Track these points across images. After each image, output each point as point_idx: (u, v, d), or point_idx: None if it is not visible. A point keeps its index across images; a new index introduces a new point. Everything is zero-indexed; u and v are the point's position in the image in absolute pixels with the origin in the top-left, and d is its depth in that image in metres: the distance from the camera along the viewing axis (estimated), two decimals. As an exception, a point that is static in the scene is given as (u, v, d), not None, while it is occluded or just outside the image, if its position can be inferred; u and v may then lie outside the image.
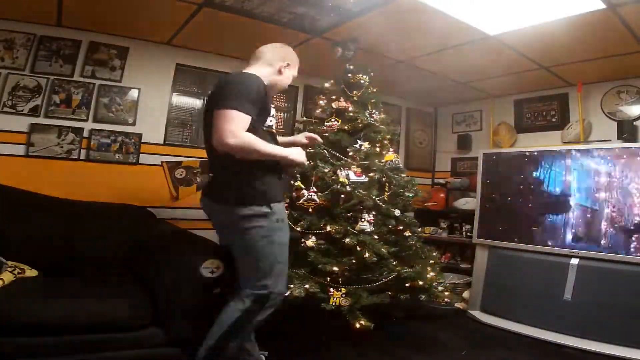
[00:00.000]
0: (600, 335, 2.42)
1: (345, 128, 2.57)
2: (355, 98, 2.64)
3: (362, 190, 2.33)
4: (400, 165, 2.65)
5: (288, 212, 2.41)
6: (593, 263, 2.56)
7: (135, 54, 2.92)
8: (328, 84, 2.77)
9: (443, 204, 3.96)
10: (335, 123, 2.58)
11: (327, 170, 2.36)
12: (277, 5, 2.35)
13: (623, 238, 2.54)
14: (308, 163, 2.43)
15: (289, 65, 1.84)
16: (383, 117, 2.68)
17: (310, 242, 2.25)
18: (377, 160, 2.46)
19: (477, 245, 3.20)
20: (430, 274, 2.37)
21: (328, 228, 2.27)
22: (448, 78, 3.52)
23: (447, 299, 2.41)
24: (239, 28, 2.67)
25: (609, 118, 3.18)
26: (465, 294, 3.28)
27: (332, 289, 2.15)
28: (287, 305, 2.09)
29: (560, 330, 2.57)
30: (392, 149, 2.62)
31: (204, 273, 1.85)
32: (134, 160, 2.90)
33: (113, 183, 2.80)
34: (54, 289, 1.80)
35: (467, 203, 3.65)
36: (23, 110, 2.57)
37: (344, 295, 2.13)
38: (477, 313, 3.02)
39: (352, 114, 2.59)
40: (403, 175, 2.60)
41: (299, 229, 2.31)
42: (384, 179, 2.48)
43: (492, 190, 3.19)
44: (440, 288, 2.43)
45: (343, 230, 2.25)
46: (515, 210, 3.03)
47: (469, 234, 3.47)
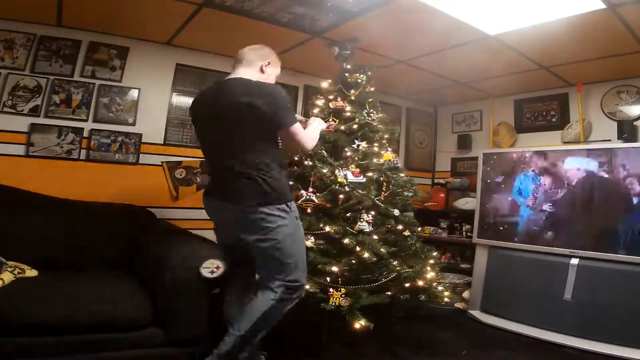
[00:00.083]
0: (600, 335, 2.41)
1: (343, 128, 2.57)
2: (353, 98, 2.64)
3: (360, 190, 2.33)
4: (399, 165, 2.64)
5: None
6: (593, 263, 2.56)
7: (135, 54, 2.92)
8: (326, 84, 2.76)
9: (443, 204, 3.96)
10: (333, 123, 2.58)
11: (325, 171, 2.36)
12: (277, 5, 2.35)
13: (623, 238, 2.54)
14: (307, 163, 2.45)
15: (270, 64, 1.86)
16: (381, 116, 2.67)
17: (310, 242, 2.24)
18: (375, 160, 2.46)
19: (477, 245, 3.20)
20: (430, 274, 2.37)
21: (327, 228, 2.27)
22: (448, 78, 3.52)
23: (447, 299, 2.41)
24: (239, 28, 2.67)
25: (609, 118, 3.17)
26: (465, 294, 3.28)
27: (331, 289, 2.14)
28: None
29: (560, 330, 2.56)
30: (390, 149, 2.62)
31: (204, 273, 1.85)
32: (134, 160, 2.90)
33: (113, 183, 2.80)
34: (54, 289, 1.80)
35: (467, 203, 3.65)
36: (23, 110, 2.57)
37: (344, 296, 2.13)
38: (477, 313, 3.02)
39: (349, 114, 2.59)
40: (402, 175, 2.60)
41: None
42: (383, 179, 2.48)
43: (492, 190, 3.19)
44: (440, 288, 2.42)
45: (342, 231, 2.25)
46: (516, 210, 3.03)
47: (469, 234, 3.47)
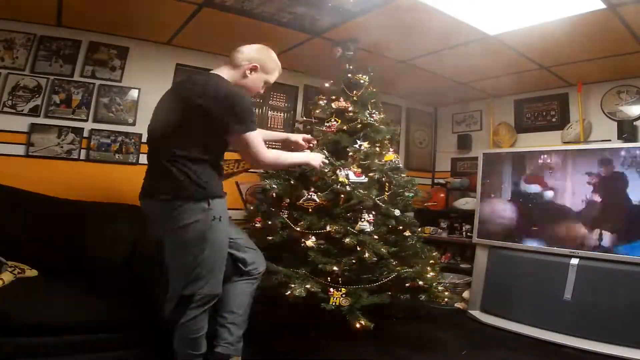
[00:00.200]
0: (600, 335, 2.41)
1: (345, 128, 2.57)
2: (355, 98, 2.64)
3: (362, 190, 2.33)
4: (400, 165, 2.64)
5: (288, 212, 2.42)
6: (593, 263, 2.56)
7: (135, 54, 2.92)
8: (328, 84, 2.77)
9: (443, 204, 3.96)
10: (335, 123, 2.58)
11: (326, 170, 2.36)
12: (277, 5, 2.35)
13: (622, 237, 2.54)
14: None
15: (257, 68, 1.63)
16: (383, 117, 2.68)
17: (310, 242, 2.24)
18: (376, 160, 2.46)
19: (477, 245, 3.20)
20: (430, 274, 2.37)
21: (328, 228, 2.26)
22: (448, 78, 3.52)
23: (447, 299, 2.40)
24: (239, 28, 2.67)
25: (609, 118, 3.17)
26: (465, 294, 3.28)
27: (332, 289, 2.14)
28: (287, 305, 2.11)
29: (560, 330, 2.56)
30: (392, 149, 2.62)
31: (204, 273, 1.84)
32: (134, 160, 2.90)
33: (113, 183, 2.80)
34: (54, 289, 1.80)
35: (467, 203, 3.65)
36: (23, 110, 2.57)
37: (344, 295, 2.13)
38: (477, 313, 3.02)
39: (351, 114, 2.59)
40: (403, 175, 2.60)
41: (299, 229, 2.31)
42: (384, 179, 2.48)
43: (492, 190, 3.19)
44: (440, 288, 2.42)
45: (343, 230, 2.25)
46: (516, 210, 3.03)
47: (469, 234, 3.47)
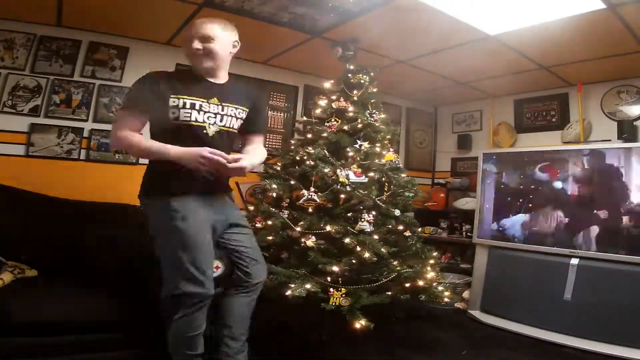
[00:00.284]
0: (600, 335, 2.41)
1: (345, 128, 2.57)
2: (355, 98, 2.64)
3: (362, 190, 2.33)
4: (400, 166, 2.65)
5: (288, 212, 2.42)
6: (593, 263, 2.56)
7: (135, 54, 2.92)
8: (328, 84, 2.77)
9: (443, 204, 3.96)
10: (335, 123, 2.58)
11: (327, 170, 2.36)
12: (277, 5, 2.35)
13: (622, 237, 2.54)
14: (308, 163, 2.44)
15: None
16: (383, 117, 2.68)
17: (310, 242, 2.24)
18: (376, 160, 2.46)
19: (477, 245, 3.20)
20: (430, 274, 2.37)
21: (328, 228, 2.27)
22: (448, 78, 3.52)
23: (447, 299, 2.41)
24: (239, 28, 2.66)
25: (609, 118, 3.17)
26: (465, 294, 3.28)
27: (332, 289, 2.14)
28: (287, 305, 2.10)
29: (560, 330, 2.56)
30: (392, 149, 2.62)
31: (204, 273, 1.84)
32: (134, 161, 2.90)
33: (113, 183, 2.79)
34: (54, 289, 1.80)
35: (467, 203, 3.65)
36: (23, 110, 2.57)
37: (344, 295, 2.13)
38: (477, 313, 3.02)
39: (352, 114, 2.59)
40: (403, 175, 2.60)
41: (299, 229, 2.31)
42: (384, 179, 2.48)
43: (492, 190, 3.19)
44: (440, 288, 2.42)
45: (343, 230, 2.25)
46: (516, 210, 3.03)
47: (469, 234, 3.47)
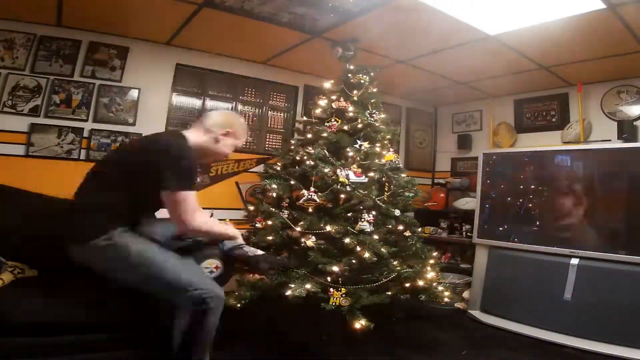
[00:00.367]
0: (600, 335, 2.41)
1: (345, 128, 2.57)
2: (355, 98, 2.64)
3: (362, 190, 2.33)
4: (400, 166, 2.65)
5: (288, 212, 2.42)
6: (593, 263, 2.55)
7: (135, 54, 2.92)
8: (328, 84, 2.77)
9: (443, 204, 3.96)
10: (335, 123, 2.58)
11: (327, 170, 2.36)
12: (277, 5, 2.35)
13: (622, 237, 2.54)
14: (308, 163, 2.44)
15: (230, 134, 1.74)
16: (383, 117, 2.68)
17: (310, 242, 2.24)
18: (376, 160, 2.46)
19: (477, 245, 3.20)
20: (430, 274, 2.37)
21: (328, 228, 2.27)
22: (448, 78, 3.52)
23: (447, 299, 2.41)
24: (239, 28, 2.67)
25: (609, 118, 3.17)
26: (465, 294, 3.28)
27: (332, 289, 2.15)
28: (287, 305, 2.10)
29: (560, 330, 2.56)
30: (392, 149, 2.63)
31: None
32: (134, 160, 2.89)
33: (113, 183, 2.80)
34: (54, 289, 1.80)
35: (467, 203, 3.65)
36: (23, 110, 2.57)
37: (344, 295, 2.13)
38: (477, 313, 3.02)
39: (352, 114, 2.59)
40: (403, 176, 2.60)
41: (299, 229, 2.31)
42: (384, 179, 2.48)
43: (492, 190, 3.19)
44: (440, 288, 2.43)
45: (343, 230, 2.25)
46: (515, 210, 3.03)
47: (469, 234, 3.47)
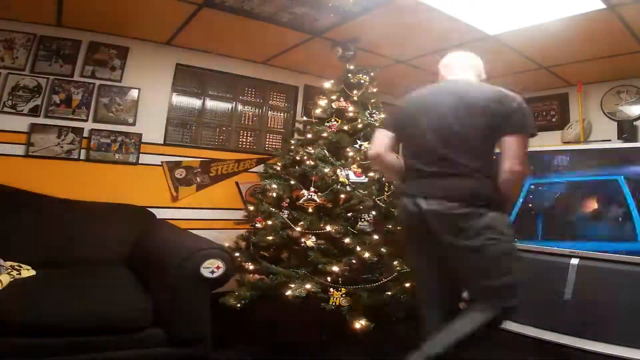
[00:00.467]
0: (600, 335, 2.41)
1: (345, 128, 2.57)
2: (356, 98, 2.64)
3: (362, 190, 2.33)
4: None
5: (288, 212, 2.42)
6: (593, 263, 2.55)
7: (135, 54, 2.92)
8: (328, 84, 2.77)
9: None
10: (335, 123, 2.59)
11: (327, 170, 2.36)
12: (277, 5, 2.35)
13: (623, 237, 2.54)
14: (308, 163, 2.44)
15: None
16: (383, 117, 2.67)
17: (310, 242, 2.25)
18: (377, 160, 2.46)
19: (477, 245, 3.19)
20: (430, 274, 2.36)
21: (328, 228, 2.27)
22: (448, 78, 3.51)
23: (447, 299, 2.40)
24: (239, 28, 2.67)
25: (609, 118, 3.17)
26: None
27: (332, 289, 2.15)
28: (287, 305, 2.11)
29: (560, 330, 2.56)
30: (392, 149, 2.62)
31: (205, 273, 1.85)
32: (134, 160, 2.90)
33: (113, 183, 2.80)
34: (54, 290, 1.80)
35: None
36: (23, 110, 2.57)
37: (344, 295, 2.13)
38: (477, 313, 3.01)
39: (352, 114, 2.59)
40: (403, 176, 2.60)
41: (299, 229, 2.31)
42: (384, 179, 2.48)
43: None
44: (440, 288, 2.42)
45: (343, 230, 2.25)
46: (515, 210, 3.03)
47: (469, 234, 3.46)
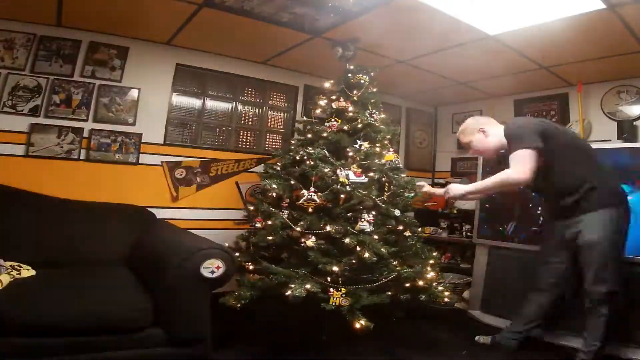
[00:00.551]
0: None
1: (345, 128, 2.57)
2: (356, 98, 2.64)
3: (362, 190, 2.33)
4: (400, 166, 2.64)
5: (288, 212, 2.42)
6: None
7: (135, 54, 2.92)
8: (328, 84, 2.77)
9: (443, 204, 3.96)
10: (335, 123, 2.58)
11: (327, 170, 2.36)
12: (277, 5, 2.35)
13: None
14: (308, 163, 2.44)
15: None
16: (383, 117, 2.68)
17: (310, 242, 2.24)
18: (376, 160, 2.46)
19: (477, 245, 3.20)
20: (430, 274, 2.37)
21: (328, 228, 2.26)
22: (448, 78, 3.52)
23: (447, 299, 2.40)
24: (239, 28, 2.67)
25: (609, 118, 3.17)
26: (465, 294, 3.28)
27: (332, 289, 2.14)
28: (287, 305, 2.10)
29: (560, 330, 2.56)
30: (392, 149, 2.62)
31: (205, 273, 1.85)
32: (134, 160, 2.90)
33: (113, 183, 2.80)
34: (54, 290, 1.80)
35: (467, 203, 3.64)
36: (23, 110, 2.57)
37: (344, 295, 2.12)
38: (477, 313, 3.02)
39: (352, 114, 2.59)
40: (403, 176, 2.60)
41: (299, 229, 2.31)
42: (384, 179, 2.48)
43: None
44: (440, 288, 2.42)
45: (343, 230, 2.25)
46: (516, 210, 3.03)
47: (469, 234, 3.47)
